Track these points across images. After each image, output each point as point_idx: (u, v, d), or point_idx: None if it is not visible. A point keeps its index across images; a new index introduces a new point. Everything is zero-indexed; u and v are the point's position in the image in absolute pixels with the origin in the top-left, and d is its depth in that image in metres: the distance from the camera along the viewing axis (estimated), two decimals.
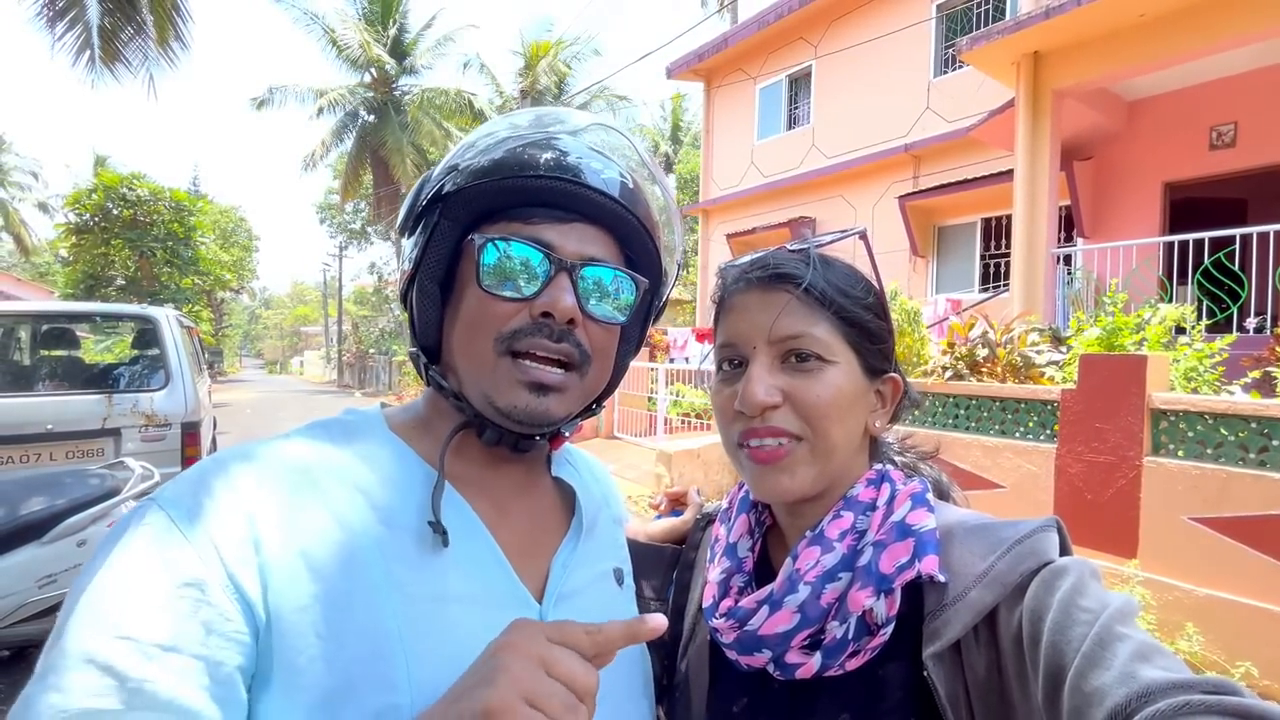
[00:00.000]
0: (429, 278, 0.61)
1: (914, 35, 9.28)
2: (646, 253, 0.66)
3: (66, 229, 15.77)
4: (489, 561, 0.58)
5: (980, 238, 9.01)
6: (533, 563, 0.62)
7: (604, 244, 0.62)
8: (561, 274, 0.58)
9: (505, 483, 0.65)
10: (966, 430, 4.34)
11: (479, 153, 0.61)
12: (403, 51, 21.94)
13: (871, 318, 0.65)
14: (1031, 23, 5.47)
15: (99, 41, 7.51)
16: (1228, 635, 3.08)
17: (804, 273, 0.63)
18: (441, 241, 0.60)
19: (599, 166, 0.62)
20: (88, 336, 8.43)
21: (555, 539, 0.66)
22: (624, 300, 0.63)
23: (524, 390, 0.58)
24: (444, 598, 0.54)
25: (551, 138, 0.62)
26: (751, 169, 11.93)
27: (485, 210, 0.60)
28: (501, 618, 0.51)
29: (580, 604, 0.62)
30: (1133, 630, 0.46)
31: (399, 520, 0.55)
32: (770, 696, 0.64)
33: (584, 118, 0.67)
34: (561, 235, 0.60)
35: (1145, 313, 4.41)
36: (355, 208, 29.75)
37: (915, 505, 0.62)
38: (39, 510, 2.82)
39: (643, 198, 0.65)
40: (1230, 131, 6.51)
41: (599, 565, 0.68)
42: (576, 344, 0.59)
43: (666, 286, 0.71)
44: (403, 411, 0.67)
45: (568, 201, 0.60)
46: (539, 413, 0.58)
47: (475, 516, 0.59)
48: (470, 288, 0.59)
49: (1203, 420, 3.34)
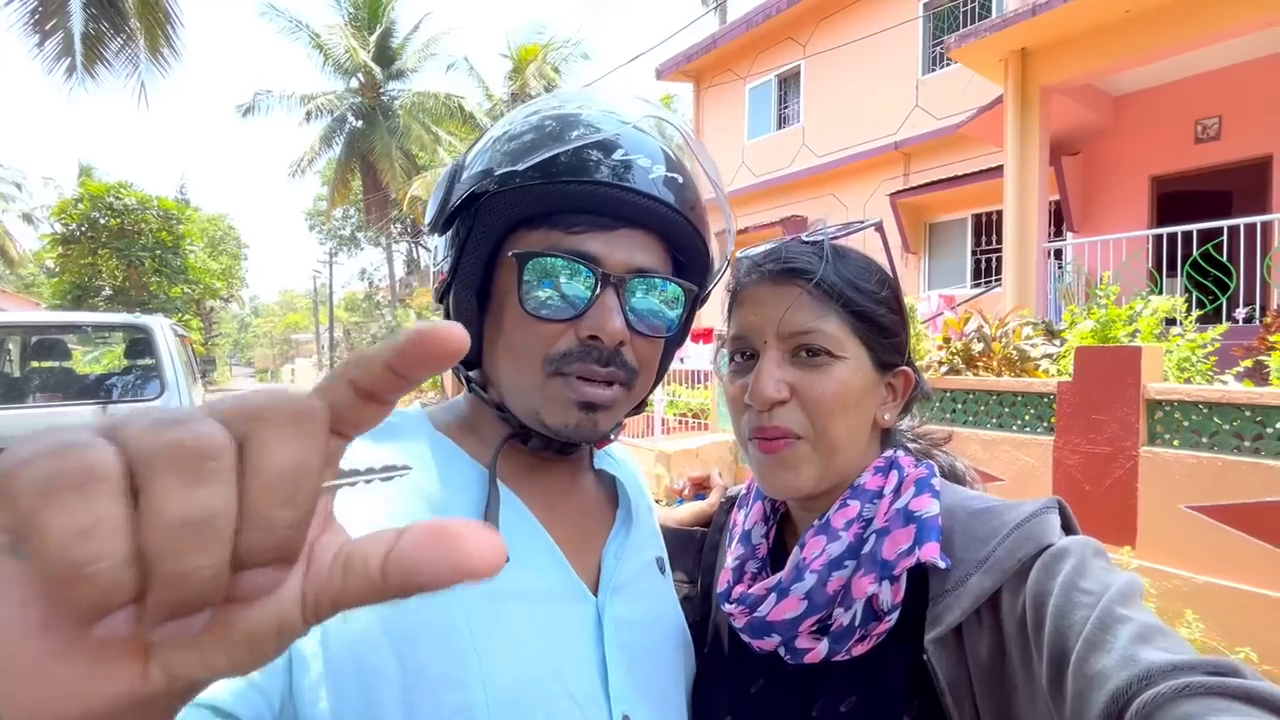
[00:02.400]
0: (465, 287, 0.58)
1: (902, 33, 9.33)
2: (696, 252, 0.62)
3: (53, 239, 15.57)
4: (546, 557, 0.58)
5: (971, 233, 9.07)
6: (585, 556, 0.62)
7: (652, 249, 0.59)
8: (608, 290, 0.55)
9: (554, 480, 0.65)
10: (964, 424, 4.37)
11: (516, 149, 0.56)
12: (390, 56, 21.86)
13: (884, 312, 0.65)
14: (1019, 20, 5.53)
15: (81, 49, 7.45)
16: (1227, 621, 3.11)
17: (816, 266, 0.63)
18: (477, 248, 0.57)
19: (646, 164, 0.57)
20: (77, 348, 8.34)
21: (603, 531, 0.66)
22: (672, 312, 0.60)
23: (575, 409, 0.56)
24: (506, 595, 0.53)
25: (595, 132, 0.57)
26: (742, 169, 11.95)
27: (524, 216, 0.56)
28: (561, 612, 0.52)
29: (631, 593, 0.63)
30: (1134, 611, 0.46)
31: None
32: (784, 679, 0.65)
33: (625, 105, 0.61)
34: (608, 245, 0.56)
35: (1137, 305, 4.46)
36: (345, 214, 29.61)
37: (920, 491, 0.63)
38: None
39: (692, 194, 0.61)
40: (1215, 125, 6.59)
41: (644, 555, 0.68)
42: (624, 364, 0.57)
43: (713, 278, 0.68)
44: (446, 411, 0.66)
45: (614, 208, 0.56)
46: (588, 430, 0.58)
47: (530, 514, 0.59)
48: (511, 304, 0.56)
49: (1197, 410, 3.37)
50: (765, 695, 0.65)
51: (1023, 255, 5.97)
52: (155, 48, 7.83)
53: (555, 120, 0.57)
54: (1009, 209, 6.07)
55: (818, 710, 0.61)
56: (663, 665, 0.65)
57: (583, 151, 0.55)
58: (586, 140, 0.56)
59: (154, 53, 7.82)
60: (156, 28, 7.78)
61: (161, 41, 7.81)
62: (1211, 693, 0.38)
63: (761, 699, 0.65)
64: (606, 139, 0.56)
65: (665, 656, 0.65)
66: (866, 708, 0.59)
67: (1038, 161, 5.95)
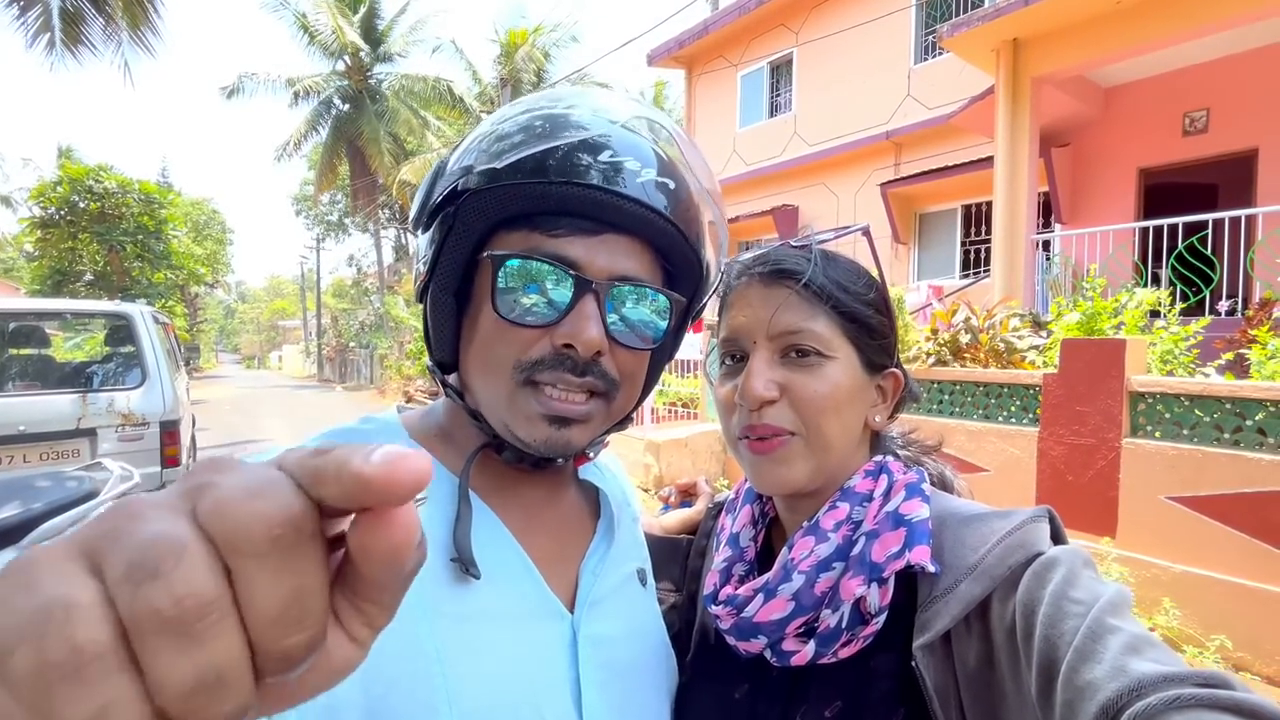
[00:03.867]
0: (443, 289, 0.55)
1: (895, 22, 9.29)
2: (686, 261, 0.59)
3: (31, 223, 15.27)
4: (520, 574, 0.56)
5: (961, 224, 9.10)
6: (562, 570, 0.60)
7: (639, 257, 0.56)
8: (587, 297, 0.52)
9: (532, 492, 0.63)
10: (950, 415, 4.40)
11: (500, 148, 0.53)
12: (377, 38, 21.50)
13: (873, 313, 0.66)
14: (1011, 9, 5.51)
15: (60, 24, 7.27)
16: (1203, 610, 3.17)
17: (805, 268, 0.63)
18: (456, 248, 0.54)
19: (635, 167, 0.54)
20: (57, 334, 8.20)
21: (582, 544, 0.64)
22: (659, 323, 0.57)
23: (544, 423, 0.54)
24: (478, 616, 0.52)
25: (582, 132, 0.53)
26: (734, 157, 11.90)
27: (504, 217, 0.54)
28: (535, 631, 0.50)
29: (609, 608, 0.62)
30: (1124, 622, 0.46)
31: (430, 536, 0.53)
32: (769, 683, 0.65)
33: (616, 106, 0.57)
34: (589, 250, 0.53)
35: (1123, 297, 4.49)
36: (332, 199, 29.24)
37: (910, 495, 0.63)
38: (13, 515, 2.74)
39: (685, 200, 0.57)
40: (1203, 118, 6.63)
41: (624, 568, 0.67)
42: (602, 374, 0.55)
43: (707, 290, 0.64)
44: (422, 418, 0.64)
45: (598, 211, 0.53)
46: (559, 445, 0.55)
47: (504, 529, 0.57)
48: (486, 309, 0.54)
49: (1179, 402, 3.41)
50: (749, 700, 0.65)
51: (1011, 246, 6.00)
52: (135, 25, 7.65)
53: (543, 119, 0.54)
54: (998, 200, 6.09)
55: (802, 715, 0.61)
56: (642, 681, 0.64)
57: (567, 151, 0.52)
58: (572, 140, 0.53)
59: (135, 30, 7.65)
60: (137, 5, 7.60)
61: (141, 18, 7.63)
62: (1202, 704, 0.39)
63: (746, 704, 0.65)
64: (594, 139, 0.53)
65: (645, 671, 0.64)
66: (852, 713, 0.59)
67: (1027, 153, 5.96)
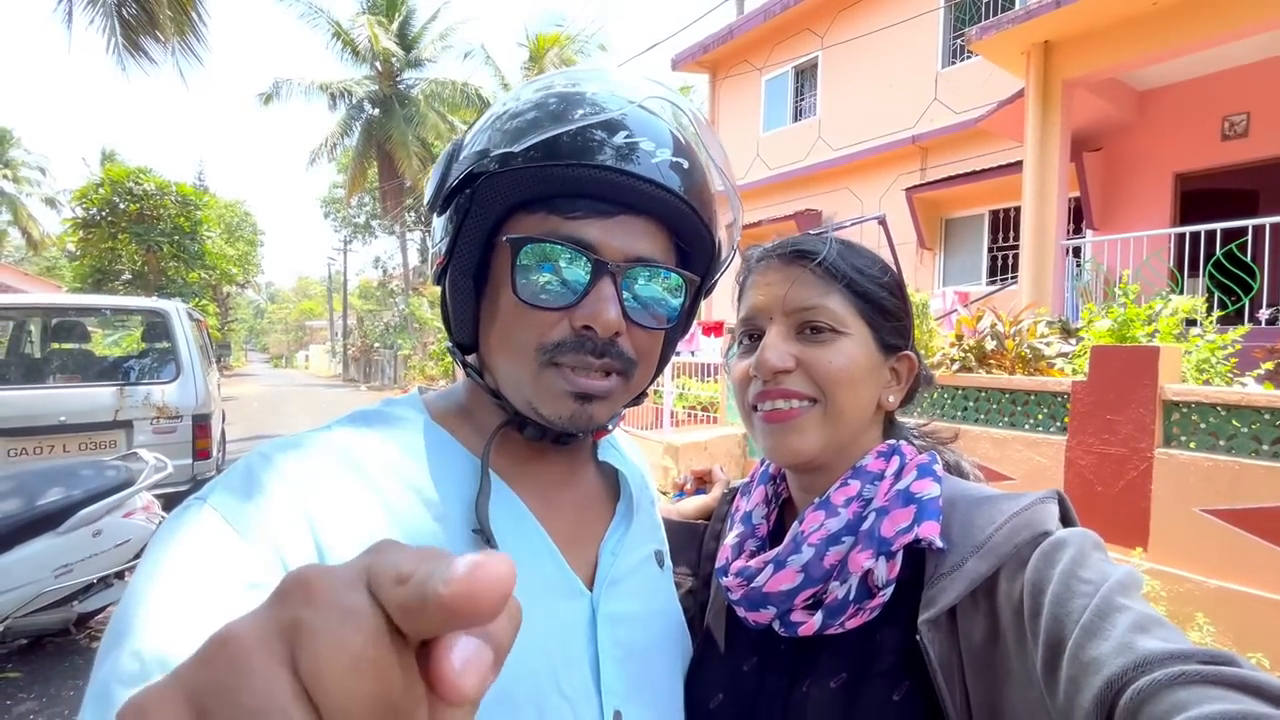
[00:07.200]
0: (461, 271, 0.56)
1: (922, 25, 9.19)
2: (700, 240, 0.60)
3: (74, 224, 15.83)
4: (541, 552, 0.57)
5: (988, 230, 8.94)
6: (581, 550, 0.61)
7: (654, 237, 0.57)
8: (604, 280, 0.53)
9: (551, 471, 0.63)
10: (975, 422, 4.33)
11: (515, 128, 0.54)
12: (408, 44, 21.91)
13: (886, 294, 0.67)
14: (1042, 11, 5.42)
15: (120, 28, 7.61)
16: (1239, 626, 3.07)
17: (821, 249, 0.66)
18: (473, 231, 0.55)
19: (650, 148, 0.54)
20: (96, 330, 8.48)
21: (601, 524, 0.65)
22: (673, 302, 0.59)
23: (569, 400, 0.55)
24: None
25: (598, 112, 0.54)
26: (757, 161, 11.87)
27: (521, 199, 0.54)
28: (554, 607, 0.51)
29: (628, 588, 0.62)
30: (1133, 602, 0.47)
31: (451, 516, 0.54)
32: (777, 656, 0.66)
33: (632, 85, 0.58)
34: (606, 232, 0.54)
35: (1157, 304, 4.38)
36: (360, 202, 29.77)
37: (921, 475, 0.64)
38: (55, 500, 2.85)
39: (699, 180, 0.59)
40: (1243, 121, 6.44)
41: (643, 549, 0.68)
42: (620, 354, 0.56)
43: (719, 268, 0.65)
44: (443, 398, 0.65)
45: (614, 193, 0.54)
46: (583, 420, 0.56)
47: (524, 507, 0.58)
48: (505, 292, 0.54)
49: (1215, 412, 3.31)
50: (758, 672, 0.66)
51: (1040, 252, 5.89)
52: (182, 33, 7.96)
53: (558, 98, 0.55)
54: (1027, 205, 5.98)
55: (808, 686, 0.62)
56: (658, 660, 0.64)
57: (583, 132, 0.53)
58: (588, 120, 0.53)
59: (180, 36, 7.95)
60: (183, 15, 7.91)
61: (187, 27, 7.93)
62: (1207, 681, 0.39)
63: (754, 676, 0.66)
64: (610, 119, 0.54)
65: (661, 651, 0.65)
66: (857, 684, 0.59)
67: (1058, 157, 5.85)
